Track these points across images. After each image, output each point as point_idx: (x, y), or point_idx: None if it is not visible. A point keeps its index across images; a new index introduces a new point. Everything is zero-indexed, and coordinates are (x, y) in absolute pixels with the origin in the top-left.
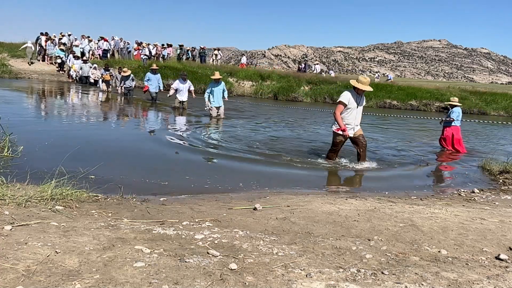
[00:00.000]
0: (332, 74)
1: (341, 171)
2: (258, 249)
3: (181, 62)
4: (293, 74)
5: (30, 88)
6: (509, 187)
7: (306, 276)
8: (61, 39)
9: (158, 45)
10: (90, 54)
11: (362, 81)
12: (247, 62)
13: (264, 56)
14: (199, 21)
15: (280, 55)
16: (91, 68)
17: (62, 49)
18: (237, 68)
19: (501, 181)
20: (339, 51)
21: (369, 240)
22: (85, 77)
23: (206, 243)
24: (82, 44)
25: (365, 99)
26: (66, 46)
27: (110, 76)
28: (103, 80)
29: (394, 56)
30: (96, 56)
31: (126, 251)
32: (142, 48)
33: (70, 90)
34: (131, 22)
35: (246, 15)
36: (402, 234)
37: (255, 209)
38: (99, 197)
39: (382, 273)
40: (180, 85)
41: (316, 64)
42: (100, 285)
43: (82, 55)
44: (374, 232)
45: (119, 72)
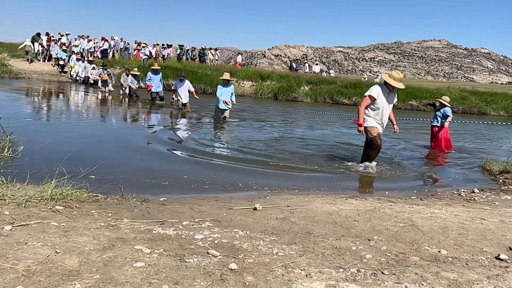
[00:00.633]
0: (332, 74)
1: (341, 171)
2: (258, 249)
3: (181, 62)
4: (293, 74)
5: (30, 88)
6: (509, 187)
7: (306, 276)
8: (60, 39)
9: (159, 45)
10: (89, 54)
11: (395, 77)
12: (243, 61)
13: (264, 56)
14: (199, 21)
15: (280, 55)
16: (92, 68)
17: (64, 49)
18: (237, 68)
19: (501, 181)
20: (339, 51)
21: (369, 240)
22: (87, 78)
23: (206, 243)
24: (82, 45)
25: (396, 98)
26: (65, 46)
27: (108, 75)
28: (101, 80)
29: (394, 56)
30: (95, 57)
31: (126, 251)
32: (142, 47)
33: (70, 90)
34: (131, 22)
35: (246, 15)
36: (402, 234)
37: (255, 209)
38: (99, 197)
39: (382, 273)
40: (178, 86)
41: (316, 64)
42: (100, 285)
43: (81, 56)
44: (374, 232)
45: (127, 74)
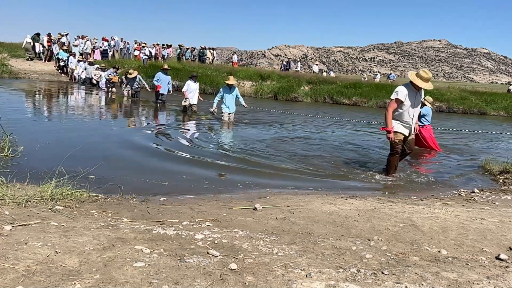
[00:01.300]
0: (332, 74)
1: (342, 172)
2: (258, 249)
3: (181, 62)
4: (293, 74)
5: (30, 88)
6: (509, 187)
7: (306, 276)
8: (60, 39)
9: (159, 45)
10: (87, 55)
11: (423, 77)
12: (241, 61)
13: (264, 56)
14: (199, 21)
15: (280, 55)
16: (95, 69)
17: (64, 50)
18: (237, 68)
19: (501, 181)
20: (339, 51)
21: (369, 240)
22: (89, 79)
23: (206, 243)
24: (82, 45)
25: (422, 96)
26: (65, 46)
27: (119, 79)
28: (109, 81)
29: (394, 56)
30: (89, 57)
31: (126, 251)
32: (142, 47)
33: (71, 91)
34: (131, 22)
35: (246, 15)
36: (402, 234)
37: (255, 209)
38: (99, 197)
39: (382, 273)
40: (191, 86)
41: (316, 64)
42: (100, 285)
43: (81, 56)
44: (374, 232)
45: (126, 75)
